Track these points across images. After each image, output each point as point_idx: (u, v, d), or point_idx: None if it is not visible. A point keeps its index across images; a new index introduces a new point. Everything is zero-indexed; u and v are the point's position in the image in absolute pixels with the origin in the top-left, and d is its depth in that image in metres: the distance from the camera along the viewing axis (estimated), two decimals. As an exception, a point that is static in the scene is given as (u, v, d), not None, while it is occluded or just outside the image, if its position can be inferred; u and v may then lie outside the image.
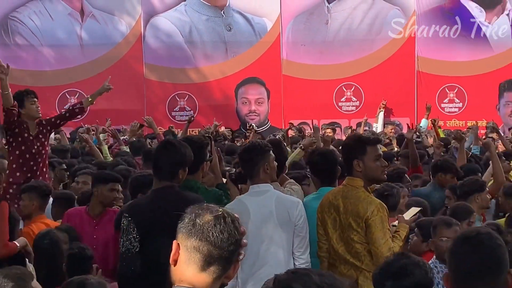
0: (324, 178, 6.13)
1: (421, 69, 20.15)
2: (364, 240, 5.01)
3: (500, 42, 20.19)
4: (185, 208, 2.72)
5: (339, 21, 20.07)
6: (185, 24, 19.88)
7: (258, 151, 5.51)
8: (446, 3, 20.19)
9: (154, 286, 4.53)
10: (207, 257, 2.64)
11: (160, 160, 4.99)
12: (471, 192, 6.82)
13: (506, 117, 20.02)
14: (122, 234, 4.71)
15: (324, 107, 19.82)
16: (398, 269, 3.51)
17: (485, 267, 3.02)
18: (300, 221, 5.31)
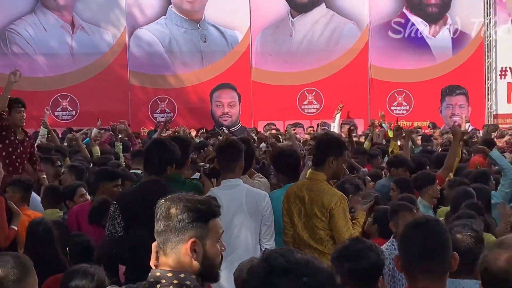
0: (289, 175, 6.00)
1: (373, 76, 20.39)
2: (327, 227, 4.99)
3: (442, 52, 20.54)
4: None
5: (301, 34, 20.19)
6: (165, 36, 19.87)
7: (238, 149, 5.48)
8: (395, 18, 20.45)
9: (136, 268, 4.38)
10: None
11: (151, 157, 4.93)
12: (425, 185, 6.77)
13: (447, 118, 20.38)
14: (108, 219, 4.66)
15: (289, 110, 19.90)
16: (354, 252, 3.46)
17: (433, 250, 3.02)
18: (267, 212, 5.24)
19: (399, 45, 20.47)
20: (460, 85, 20.66)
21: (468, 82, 20.65)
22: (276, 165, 6.56)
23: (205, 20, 19.98)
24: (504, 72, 20.92)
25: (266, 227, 5.26)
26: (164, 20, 19.86)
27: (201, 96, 20.13)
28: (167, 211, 2.60)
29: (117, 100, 19.48)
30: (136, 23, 19.83)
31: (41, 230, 4.96)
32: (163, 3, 19.86)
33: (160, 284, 2.56)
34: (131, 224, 4.57)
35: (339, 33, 20.23)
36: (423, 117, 19.55)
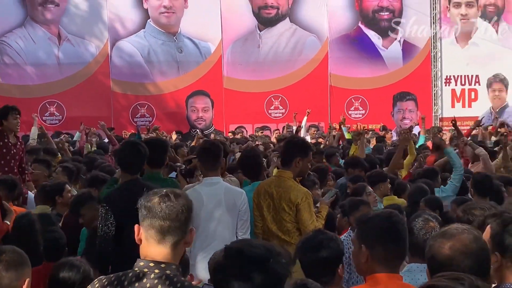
0: (253, 175, 6.03)
1: (332, 84, 20.47)
2: (293, 220, 5.01)
3: (394, 62, 20.71)
4: None
5: (268, 45, 20.25)
6: (144, 47, 19.78)
7: (219, 150, 5.49)
8: (351, 32, 20.58)
9: (128, 263, 4.31)
10: (160, 230, 2.58)
11: (129, 158, 4.85)
12: (377, 182, 6.86)
13: (398, 121, 20.55)
14: (101, 220, 4.54)
15: (257, 114, 19.98)
16: (316, 243, 3.43)
17: (395, 237, 3.00)
18: (243, 208, 5.23)
19: (356, 56, 20.57)
20: (409, 91, 20.86)
21: (417, 89, 20.87)
22: (241, 165, 6.58)
23: (180, 33, 19.94)
24: (449, 80, 21.20)
25: (242, 221, 5.25)
26: (143, 33, 19.78)
27: (178, 102, 20.10)
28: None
29: (100, 106, 19.36)
30: (118, 35, 19.72)
31: (25, 222, 4.89)
32: (142, 17, 19.77)
33: (143, 273, 2.56)
34: (125, 223, 4.40)
35: (302, 45, 20.32)
36: (377, 120, 19.67)
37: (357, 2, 20.51)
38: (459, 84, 21.22)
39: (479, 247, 2.59)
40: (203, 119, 20.08)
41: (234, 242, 2.35)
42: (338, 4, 20.47)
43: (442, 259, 2.58)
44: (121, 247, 4.44)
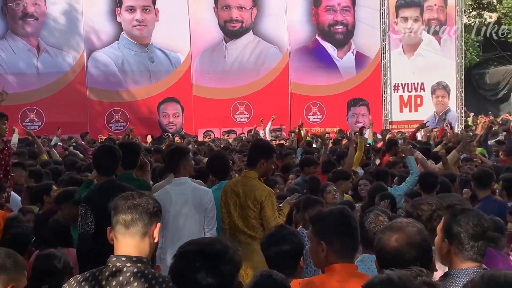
0: (221, 175, 5.98)
1: (293, 91, 20.58)
2: (258, 217, 5.01)
3: (347, 71, 20.91)
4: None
5: (233, 56, 20.26)
6: (118, 57, 19.62)
7: (180, 152, 5.51)
8: (309, 44, 20.72)
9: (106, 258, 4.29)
10: (124, 224, 2.59)
11: (104, 161, 4.81)
12: (338, 179, 6.89)
13: (352, 125, 20.65)
14: (81, 219, 4.48)
15: (224, 119, 19.96)
16: (279, 237, 3.38)
17: (350, 231, 3.00)
18: (209, 206, 5.22)
19: (313, 65, 20.68)
20: (362, 98, 21.09)
21: (369, 96, 21.12)
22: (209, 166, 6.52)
23: (152, 44, 19.82)
24: (397, 87, 21.48)
25: (208, 218, 5.24)
26: (117, 44, 19.62)
27: (150, 108, 19.96)
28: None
29: (77, 112, 19.11)
30: (93, 47, 19.51)
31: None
32: (116, 30, 19.62)
33: (117, 268, 2.56)
34: (104, 222, 4.31)
35: (265, 56, 20.39)
36: (334, 124, 19.82)
37: (314, 17, 20.67)
38: (406, 91, 21.56)
39: (422, 239, 2.60)
40: (174, 124, 19.99)
41: (187, 244, 2.34)
42: (297, 19, 20.58)
43: (389, 251, 2.58)
44: (100, 245, 4.35)
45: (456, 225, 2.80)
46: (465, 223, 2.78)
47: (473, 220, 2.79)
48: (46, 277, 3.82)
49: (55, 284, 3.69)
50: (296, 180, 8.07)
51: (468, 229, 2.76)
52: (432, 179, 5.98)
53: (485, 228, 2.80)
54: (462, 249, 2.76)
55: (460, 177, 7.14)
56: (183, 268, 2.26)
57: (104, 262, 2.67)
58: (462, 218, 2.81)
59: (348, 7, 20.83)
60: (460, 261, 2.76)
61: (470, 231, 2.76)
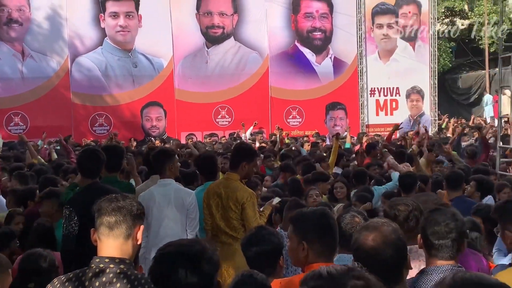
0: (207, 175, 6.03)
1: (273, 95, 20.53)
2: (239, 218, 5.04)
3: (326, 76, 20.92)
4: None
5: (215, 61, 20.18)
6: (102, 62, 19.43)
7: (166, 155, 5.54)
8: (289, 49, 20.71)
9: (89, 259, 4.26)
10: (108, 225, 2.60)
11: (88, 164, 4.78)
12: (317, 181, 6.95)
13: (331, 128, 20.73)
14: (65, 221, 4.47)
15: (206, 122, 19.86)
16: (259, 237, 3.40)
17: (330, 231, 3.02)
18: (191, 207, 5.26)
19: (293, 70, 20.70)
20: (340, 102, 21.11)
21: (346, 100, 21.17)
22: (197, 167, 6.58)
23: (135, 49, 19.67)
24: (373, 92, 21.56)
25: (190, 219, 5.27)
26: (101, 49, 19.44)
27: (133, 112, 19.81)
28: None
29: (61, 116, 18.90)
30: (77, 52, 19.32)
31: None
32: (99, 36, 19.45)
33: (100, 269, 2.56)
34: (87, 224, 4.27)
35: (245, 61, 20.35)
36: (312, 127, 19.89)
37: (293, 23, 20.71)
38: (382, 95, 21.68)
39: (397, 238, 2.62)
40: (157, 128, 19.88)
41: (166, 246, 2.34)
42: (276, 25, 20.60)
43: (366, 250, 2.60)
44: (84, 246, 4.33)
45: (429, 225, 2.89)
46: (437, 222, 2.86)
47: (444, 219, 2.86)
48: (32, 276, 3.82)
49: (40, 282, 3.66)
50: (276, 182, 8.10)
51: (440, 228, 2.82)
52: (411, 180, 6.05)
53: (457, 227, 2.86)
54: (435, 247, 2.83)
55: (432, 179, 7.20)
56: (163, 269, 2.25)
57: (87, 263, 2.65)
58: (434, 218, 2.89)
59: (326, 14, 20.91)
60: (435, 259, 2.83)
61: (442, 230, 2.83)
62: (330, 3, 20.88)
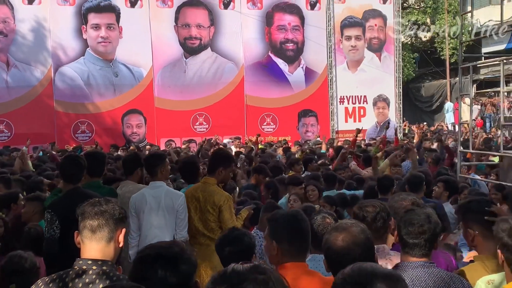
0: (190, 178, 6.02)
1: (248, 103, 20.54)
2: (217, 220, 5.04)
3: (298, 85, 21.03)
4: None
5: (193, 71, 20.12)
6: (84, 72, 19.23)
7: (158, 158, 5.51)
8: (263, 59, 20.76)
9: (72, 263, 4.16)
10: (90, 229, 2.58)
11: (70, 170, 4.73)
12: (291, 184, 6.91)
13: (303, 134, 20.89)
14: (47, 224, 4.40)
15: (184, 129, 19.77)
16: (232, 238, 3.40)
17: (300, 233, 3.03)
18: (180, 208, 5.19)
19: (267, 79, 20.76)
20: (311, 109, 21.24)
21: (317, 107, 21.30)
22: (180, 170, 6.56)
23: (116, 59, 19.51)
24: (342, 100, 21.71)
25: (179, 220, 5.21)
26: (83, 59, 19.22)
27: (114, 119, 19.63)
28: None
29: (45, 123, 18.64)
30: (60, 62, 19.08)
31: None
32: (82, 46, 19.25)
33: (82, 270, 2.53)
34: (69, 227, 4.16)
35: (222, 70, 20.33)
36: (286, 133, 19.98)
37: (267, 35, 20.80)
38: (351, 103, 21.85)
39: (366, 238, 2.64)
40: (137, 134, 19.74)
41: (146, 248, 2.33)
42: (251, 36, 20.64)
43: (336, 249, 2.61)
44: (66, 249, 4.28)
45: (404, 225, 2.96)
46: (412, 223, 2.92)
47: (418, 221, 2.93)
48: (13, 276, 3.77)
49: (22, 283, 3.63)
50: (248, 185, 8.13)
51: (414, 229, 2.90)
52: (388, 182, 6.11)
53: (429, 228, 2.93)
54: (409, 246, 2.90)
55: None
56: (142, 271, 2.24)
57: (70, 265, 2.63)
58: (409, 219, 2.96)
59: (298, 26, 21.04)
60: (409, 256, 2.90)
61: (416, 230, 2.90)
62: (302, 16, 21.03)
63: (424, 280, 2.82)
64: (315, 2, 21.15)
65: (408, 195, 3.87)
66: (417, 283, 2.81)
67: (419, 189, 5.84)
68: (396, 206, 3.71)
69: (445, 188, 6.39)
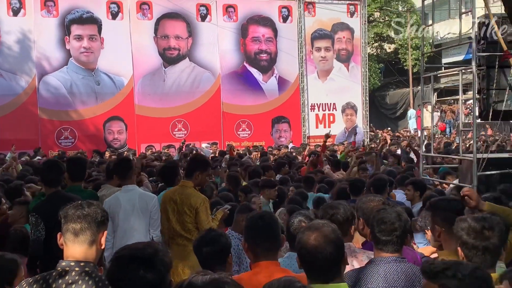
0: (171, 181, 5.99)
1: (224, 110, 20.53)
2: (193, 221, 5.00)
3: (271, 93, 21.13)
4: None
5: (172, 79, 20.03)
6: (67, 81, 18.98)
7: (129, 162, 5.50)
8: (238, 69, 20.79)
9: (55, 264, 4.15)
10: (73, 232, 2.55)
11: (49, 174, 4.64)
12: (264, 187, 6.95)
13: (276, 139, 20.95)
14: (32, 227, 4.35)
15: (164, 135, 19.66)
16: (209, 239, 3.34)
17: (264, 234, 3.04)
18: (154, 209, 5.22)
19: (242, 88, 20.78)
20: (284, 116, 21.32)
21: (290, 114, 21.40)
22: (160, 173, 6.54)
23: (98, 69, 19.30)
24: (313, 107, 21.84)
25: (153, 220, 5.22)
26: (66, 69, 18.98)
27: (96, 126, 19.40)
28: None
29: (29, 130, 18.34)
30: (44, 71, 18.80)
31: None
32: (65, 56, 19.01)
33: (65, 271, 2.50)
34: (52, 229, 4.14)
35: (199, 79, 20.28)
36: (260, 139, 20.02)
37: (242, 46, 20.83)
38: (321, 110, 22.00)
39: (336, 237, 2.65)
40: (118, 140, 19.53)
41: (121, 249, 2.30)
42: (227, 47, 20.66)
43: (309, 248, 2.61)
44: (48, 251, 4.26)
45: (376, 223, 3.00)
46: (384, 222, 2.97)
47: (390, 219, 2.97)
48: None
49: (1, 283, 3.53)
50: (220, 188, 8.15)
51: (386, 227, 2.95)
52: (360, 184, 6.14)
53: (400, 226, 2.97)
54: (382, 243, 2.96)
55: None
56: (119, 271, 2.21)
57: (53, 266, 2.58)
58: (381, 218, 3.00)
59: (271, 38, 21.13)
60: (381, 252, 2.95)
61: (388, 228, 2.94)
62: (275, 28, 21.12)
63: (397, 273, 2.89)
64: (287, 15, 21.29)
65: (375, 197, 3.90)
66: (390, 277, 2.88)
67: (383, 191, 5.89)
68: (364, 207, 3.74)
69: (415, 189, 6.43)
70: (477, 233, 2.62)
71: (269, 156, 13.37)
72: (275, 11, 21.20)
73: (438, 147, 14.86)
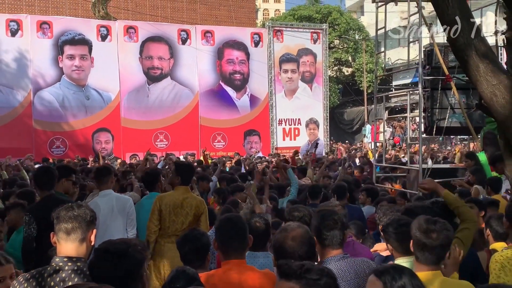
0: (152, 187, 5.97)
1: (202, 124, 20.44)
2: (192, 222, 4.95)
3: (244, 109, 21.12)
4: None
5: (155, 95, 19.91)
6: (60, 95, 18.70)
7: (108, 170, 5.47)
8: (215, 87, 20.74)
9: (47, 260, 4.08)
10: (65, 231, 2.53)
11: (43, 178, 4.61)
12: (235, 191, 6.84)
13: (248, 150, 20.81)
14: (25, 225, 4.31)
15: (147, 145, 19.13)
16: (192, 237, 3.29)
17: (237, 234, 2.96)
18: (130, 210, 5.21)
19: (218, 104, 20.73)
20: (255, 129, 21.35)
21: (260, 127, 21.43)
22: (143, 179, 6.47)
23: (88, 85, 19.05)
24: (281, 122, 21.91)
25: (130, 220, 5.22)
26: (59, 85, 18.69)
27: (86, 136, 19.10)
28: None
29: (24, 140, 17.95)
30: (39, 86, 18.47)
31: None
32: (58, 73, 18.72)
33: (59, 266, 2.47)
34: (44, 229, 4.13)
35: (179, 96, 20.17)
36: (233, 149, 19.91)
37: (218, 67, 20.85)
38: (288, 125, 22.12)
39: (309, 237, 2.67)
40: (105, 149, 19.19)
41: (102, 243, 2.28)
42: (205, 68, 20.64)
43: (285, 248, 2.61)
44: (41, 247, 4.20)
45: (321, 220, 2.88)
46: (326, 218, 2.86)
47: (330, 214, 2.90)
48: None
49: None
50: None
51: (329, 222, 2.84)
52: (317, 190, 6.15)
53: (339, 218, 2.88)
54: (328, 238, 2.81)
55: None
56: (96, 260, 2.22)
57: (46, 263, 2.57)
58: (323, 215, 2.91)
59: (244, 60, 21.21)
60: (328, 249, 2.83)
61: (331, 222, 2.84)
62: (247, 52, 21.22)
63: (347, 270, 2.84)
64: (258, 40, 21.44)
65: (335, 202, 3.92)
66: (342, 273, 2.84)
67: (344, 196, 5.94)
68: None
69: (367, 195, 6.54)
70: (423, 232, 2.58)
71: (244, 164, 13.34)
72: (247, 37, 21.31)
73: (390, 158, 15.10)
